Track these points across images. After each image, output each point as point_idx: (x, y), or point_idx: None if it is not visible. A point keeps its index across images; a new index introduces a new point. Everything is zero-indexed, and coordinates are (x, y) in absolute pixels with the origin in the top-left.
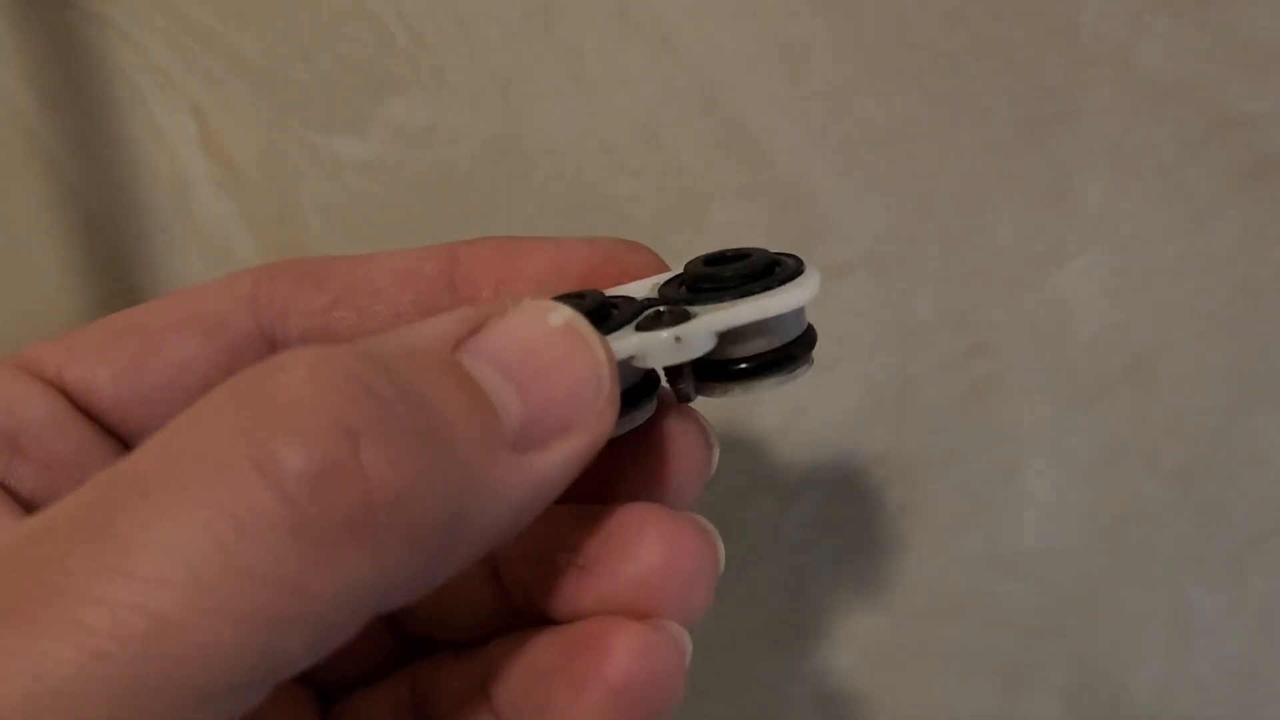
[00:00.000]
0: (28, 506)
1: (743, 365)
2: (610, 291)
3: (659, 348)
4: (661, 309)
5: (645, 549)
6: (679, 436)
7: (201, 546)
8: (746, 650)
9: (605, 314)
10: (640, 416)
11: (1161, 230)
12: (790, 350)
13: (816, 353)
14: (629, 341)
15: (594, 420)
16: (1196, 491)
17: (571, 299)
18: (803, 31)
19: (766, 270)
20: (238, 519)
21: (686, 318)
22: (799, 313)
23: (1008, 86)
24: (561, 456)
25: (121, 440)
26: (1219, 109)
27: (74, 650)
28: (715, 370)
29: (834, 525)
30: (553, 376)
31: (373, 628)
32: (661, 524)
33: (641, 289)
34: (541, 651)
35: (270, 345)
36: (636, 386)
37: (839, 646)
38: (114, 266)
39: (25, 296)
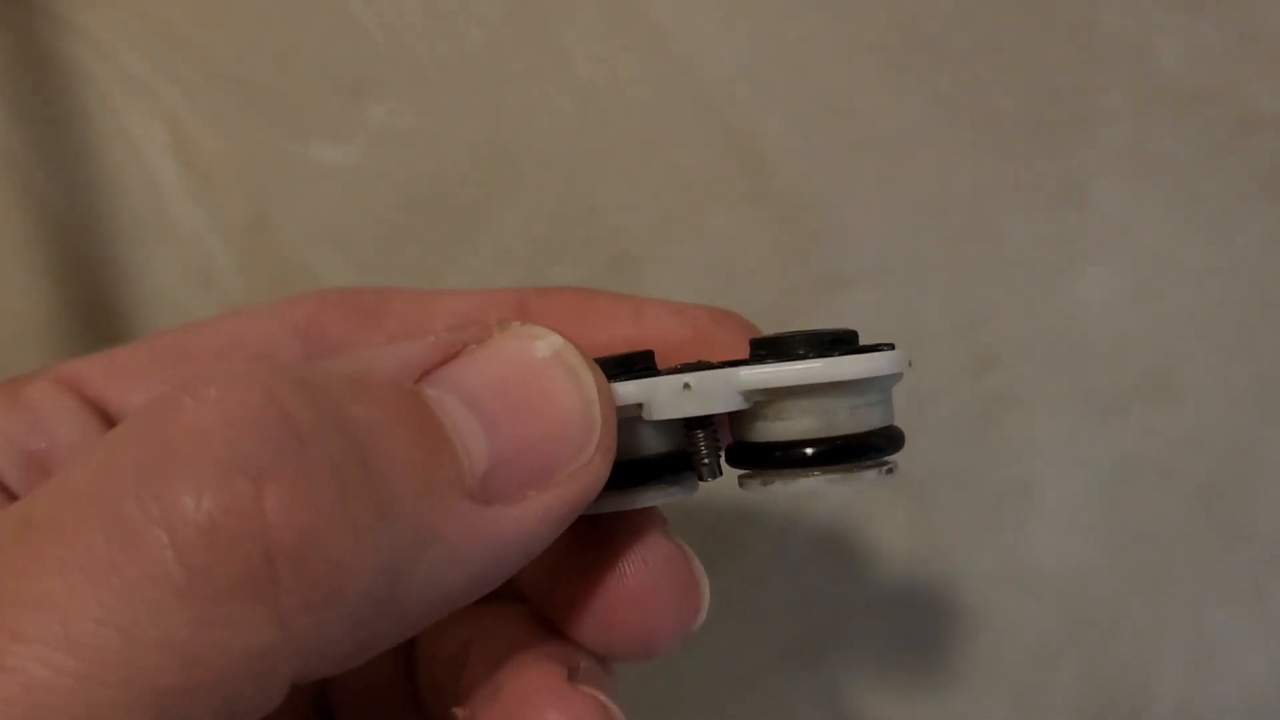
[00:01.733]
0: None
1: (786, 450)
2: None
3: (663, 396)
4: (688, 364)
5: None
6: (656, 578)
7: (78, 602)
8: (752, 670)
9: (633, 365)
10: (664, 494)
11: (1180, 238)
12: (855, 441)
13: None
14: (628, 388)
15: (581, 471)
16: (1216, 508)
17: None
18: (803, 30)
19: (835, 342)
20: (121, 571)
21: (709, 370)
22: (870, 400)
23: (1019, 88)
24: (538, 512)
25: None
26: (1241, 111)
27: None
28: (755, 454)
29: (841, 544)
30: (532, 414)
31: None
32: (556, 709)
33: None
34: None
35: None
36: (660, 458)
37: (846, 666)
38: (85, 276)
39: None
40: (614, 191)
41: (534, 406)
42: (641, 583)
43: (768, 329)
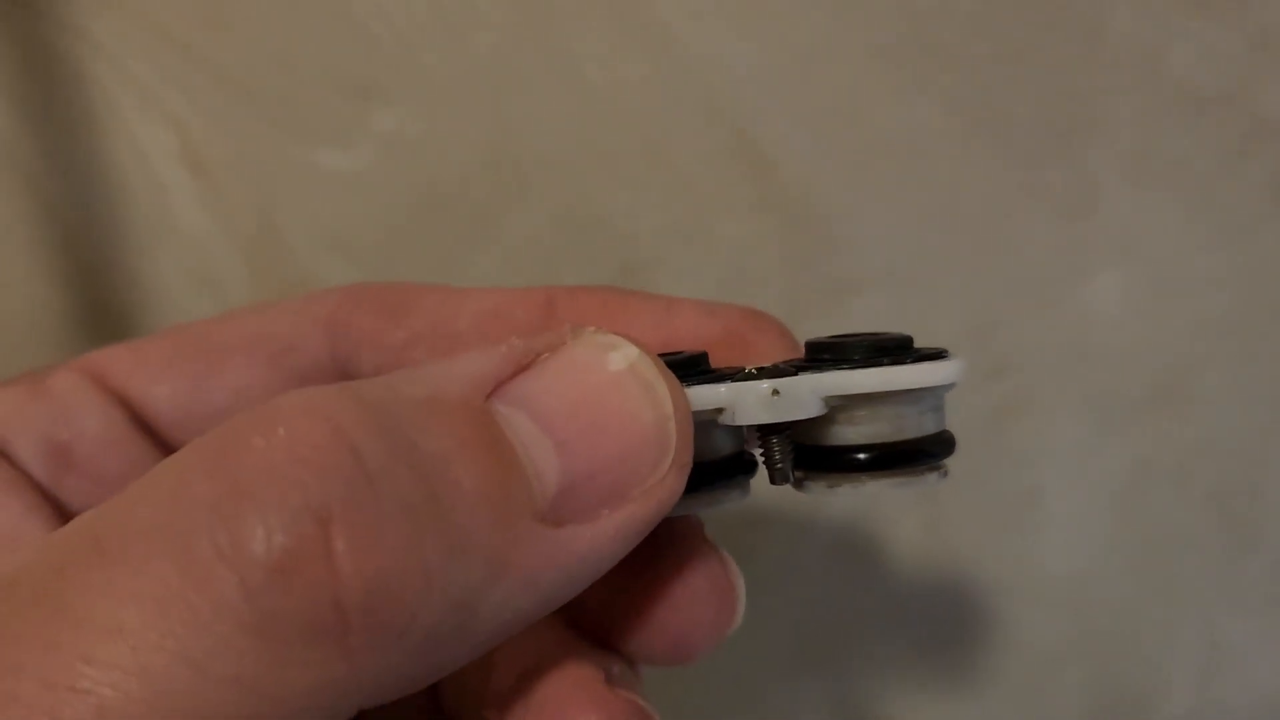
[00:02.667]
0: None
1: (858, 454)
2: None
3: (751, 400)
4: (762, 367)
5: None
6: (693, 582)
7: (151, 632)
8: (762, 676)
9: (696, 367)
10: (724, 498)
11: (1193, 244)
12: (919, 446)
13: None
14: (715, 392)
15: (656, 487)
16: (1228, 515)
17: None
18: (813, 35)
19: (899, 347)
20: (193, 606)
21: (790, 375)
22: (933, 405)
23: (1031, 93)
24: (611, 531)
25: None
26: (1255, 116)
27: None
28: (823, 458)
29: (851, 550)
30: (605, 432)
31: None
32: (595, 713)
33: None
34: None
35: (342, 375)
36: (724, 462)
37: (856, 672)
38: (93, 280)
39: (2, 311)
40: (622, 197)
41: (608, 423)
42: (681, 588)
43: None
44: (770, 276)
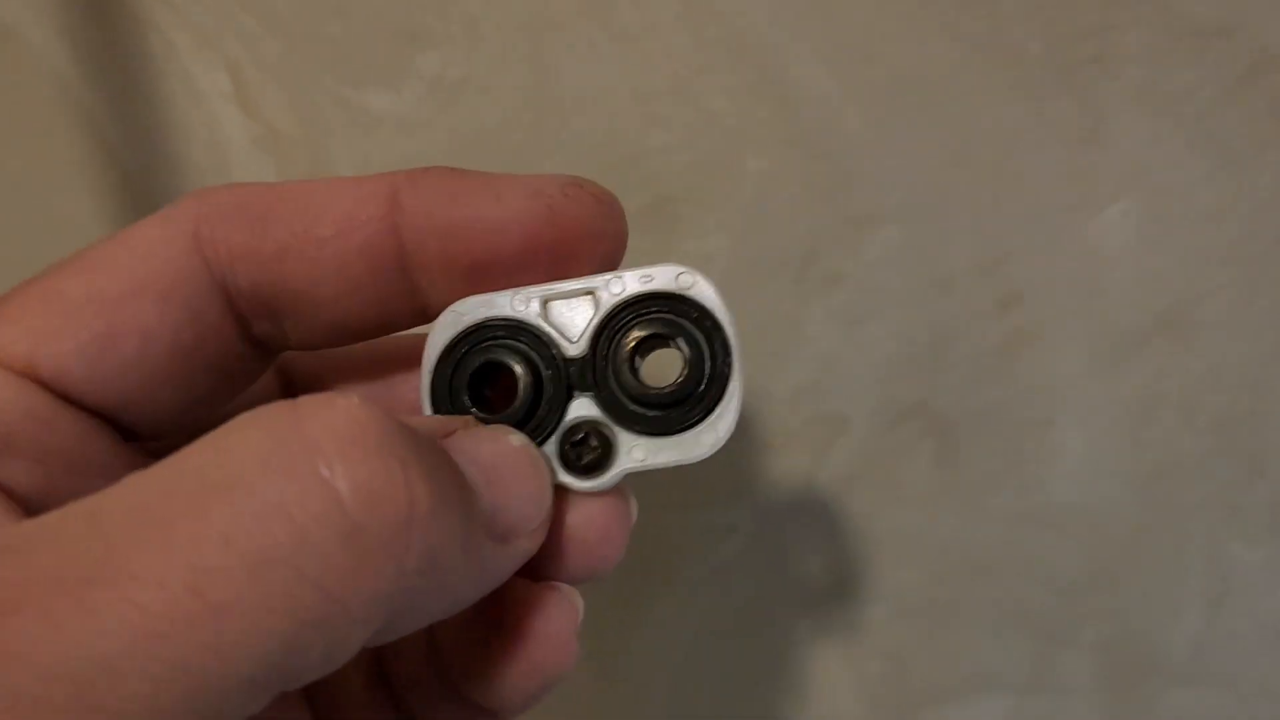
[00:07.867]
0: (24, 504)
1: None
2: (551, 287)
3: (577, 487)
4: (584, 438)
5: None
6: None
7: (258, 541)
8: (776, 607)
9: (535, 403)
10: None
11: (1198, 175)
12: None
13: (851, 305)
14: (557, 476)
15: (536, 532)
16: (1234, 443)
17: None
18: None
19: (687, 397)
20: (295, 520)
21: (606, 449)
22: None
23: (1041, 29)
24: (510, 554)
25: (103, 418)
26: (1258, 49)
27: (128, 628)
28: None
29: (866, 480)
30: (515, 480)
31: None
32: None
33: (578, 286)
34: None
35: (224, 297)
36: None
37: (870, 602)
38: None
39: (61, 253)
40: (654, 135)
41: (515, 476)
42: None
43: (798, 269)
44: (793, 209)
